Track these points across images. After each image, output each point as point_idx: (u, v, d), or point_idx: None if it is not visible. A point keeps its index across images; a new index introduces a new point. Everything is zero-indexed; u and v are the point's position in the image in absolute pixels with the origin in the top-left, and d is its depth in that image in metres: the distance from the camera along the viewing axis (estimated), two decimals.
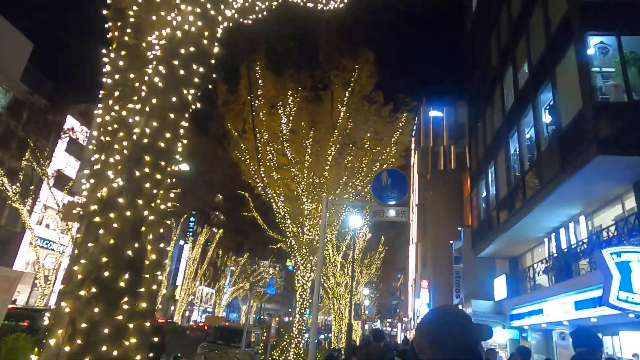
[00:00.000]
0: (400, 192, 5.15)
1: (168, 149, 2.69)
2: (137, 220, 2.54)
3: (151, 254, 2.60)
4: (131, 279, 2.43)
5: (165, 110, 2.66)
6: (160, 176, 2.65)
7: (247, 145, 14.13)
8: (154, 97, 2.63)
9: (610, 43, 10.54)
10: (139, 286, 2.46)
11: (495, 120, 17.66)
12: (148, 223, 2.59)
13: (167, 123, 2.68)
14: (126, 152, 2.60)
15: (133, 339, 2.40)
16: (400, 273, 72.19)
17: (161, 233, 2.69)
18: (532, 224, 14.70)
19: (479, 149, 20.93)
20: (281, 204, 14.33)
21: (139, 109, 2.66)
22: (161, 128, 2.65)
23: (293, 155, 14.31)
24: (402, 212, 4.97)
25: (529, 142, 14.51)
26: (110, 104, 2.76)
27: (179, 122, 2.74)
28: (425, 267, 38.31)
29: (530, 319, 15.80)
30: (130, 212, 2.50)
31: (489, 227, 18.24)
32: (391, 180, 5.05)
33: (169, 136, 2.67)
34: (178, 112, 2.72)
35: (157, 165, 2.63)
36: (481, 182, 20.13)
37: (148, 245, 2.59)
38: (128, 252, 2.45)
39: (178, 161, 2.82)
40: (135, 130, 2.62)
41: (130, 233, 2.50)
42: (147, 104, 2.65)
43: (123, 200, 2.51)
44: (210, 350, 13.34)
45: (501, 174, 16.75)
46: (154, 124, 2.62)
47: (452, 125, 51.71)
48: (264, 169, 13.94)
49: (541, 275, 16.48)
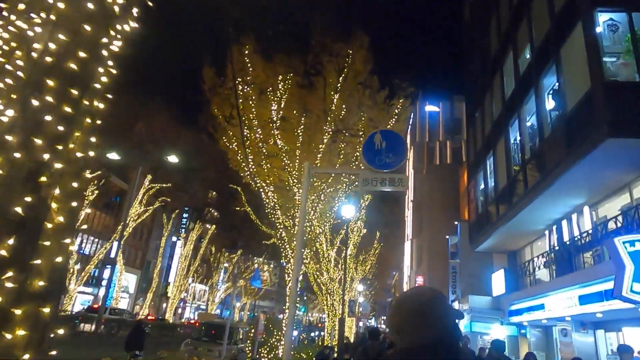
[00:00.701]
0: (397, 156, 4.41)
1: (83, 75, 1.98)
2: (34, 167, 1.83)
3: (57, 216, 1.89)
4: (19, 246, 1.72)
5: (78, 20, 1.95)
6: (72, 110, 1.94)
7: (235, 132, 13.38)
8: (63, 0, 1.92)
9: (620, 20, 9.89)
10: (33, 257, 1.76)
11: (495, 109, 17.02)
12: (53, 173, 1.88)
13: (82, 38, 1.97)
14: (22, 75, 1.89)
15: (20, 331, 1.70)
16: (395, 271, 71.91)
17: (75, 189, 1.99)
18: (533, 215, 14.08)
19: (477, 140, 20.31)
20: (271, 194, 13.61)
21: (43, 18, 1.95)
22: (72, 44, 1.94)
23: (283, 144, 13.59)
24: (399, 180, 4.24)
25: (530, 130, 13.87)
26: (11, 19, 2.05)
27: (100, 39, 2.03)
28: (421, 263, 37.76)
29: (530, 314, 15.20)
30: (23, 154, 1.80)
31: (487, 221, 17.62)
32: (386, 143, 4.32)
33: (84, 56, 1.96)
34: (98, 26, 2.02)
35: (66, 94, 1.92)
36: (479, 174, 19.52)
37: (52, 203, 1.88)
38: (16, 208, 1.74)
39: (103, 95, 2.11)
40: (36, 46, 1.91)
41: (22, 183, 1.79)
42: (53, 10, 1.94)
43: (13, 139, 1.81)
44: (195, 347, 12.61)
45: (500, 165, 16.13)
46: (62, 37, 1.91)
47: (448, 120, 51.12)
48: (253, 156, 13.21)
49: (541, 269, 15.90)
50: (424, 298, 1.44)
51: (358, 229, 27.09)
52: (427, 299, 1.43)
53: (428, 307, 1.41)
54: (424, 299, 1.43)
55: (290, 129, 13.73)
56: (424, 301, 1.43)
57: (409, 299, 1.46)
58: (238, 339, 14.26)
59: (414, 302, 1.44)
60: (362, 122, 13.64)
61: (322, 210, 13.37)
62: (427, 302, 1.42)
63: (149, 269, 57.00)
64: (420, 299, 1.44)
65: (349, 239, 24.34)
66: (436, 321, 1.39)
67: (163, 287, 60.07)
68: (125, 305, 54.96)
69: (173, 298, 51.07)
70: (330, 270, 23.85)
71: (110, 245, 35.50)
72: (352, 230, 24.27)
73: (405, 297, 1.48)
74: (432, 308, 1.41)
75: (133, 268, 57.46)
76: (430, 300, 1.43)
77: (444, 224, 30.31)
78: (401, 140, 4.79)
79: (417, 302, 1.43)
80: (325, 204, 13.40)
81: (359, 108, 13.16)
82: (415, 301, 1.44)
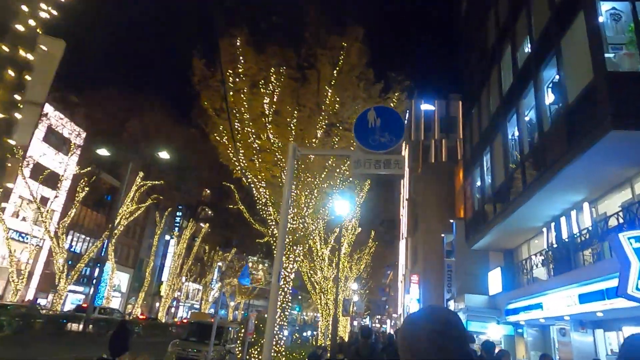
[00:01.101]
0: (394, 134, 3.95)
1: None
2: None
3: None
4: None
5: None
6: None
7: (225, 126, 12.93)
8: None
9: (624, 9, 9.58)
10: None
11: (492, 103, 16.69)
12: None
13: None
14: None
15: None
16: (390, 269, 71.73)
17: None
18: (531, 212, 13.77)
19: (473, 136, 20.00)
20: (263, 190, 13.19)
21: None
22: None
23: (275, 138, 13.17)
24: (395, 162, 3.81)
25: (529, 125, 13.56)
26: None
27: None
28: (416, 262, 37.49)
29: (527, 313, 14.91)
30: None
31: (483, 219, 17.31)
32: (381, 120, 3.89)
33: None
34: None
35: None
36: (475, 171, 19.20)
37: None
38: None
39: (32, 44, 1.69)
40: None
41: None
42: None
43: None
44: (183, 348, 12.07)
45: (498, 161, 15.82)
46: None
47: (444, 119, 50.86)
48: (244, 150, 12.79)
49: (539, 267, 15.61)
50: (442, 320, 1.36)
51: (352, 227, 26.74)
52: (446, 322, 1.35)
53: (448, 330, 1.33)
54: (442, 321, 1.35)
55: (283, 124, 13.32)
56: (442, 323, 1.34)
57: (425, 320, 1.37)
58: (228, 338, 13.73)
59: (432, 323, 1.35)
60: (357, 116, 13.26)
61: (316, 207, 12.96)
62: (446, 324, 1.34)
63: (141, 268, 56.39)
64: (438, 320, 1.36)
65: (343, 237, 23.97)
66: (455, 345, 1.31)
67: (156, 287, 59.51)
68: (118, 304, 54.39)
69: (166, 297, 50.49)
70: (324, 269, 23.49)
71: (102, 243, 34.88)
72: (347, 228, 23.93)
73: (421, 318, 1.39)
74: (452, 331, 1.33)
75: (125, 267, 56.85)
76: (449, 323, 1.35)
77: (440, 223, 30.02)
78: (398, 116, 4.36)
79: (436, 324, 1.34)
80: (319, 200, 12.99)
81: (353, 101, 12.75)
82: (433, 322, 1.35)
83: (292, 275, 12.53)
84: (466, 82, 22.98)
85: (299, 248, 12.46)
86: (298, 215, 13.01)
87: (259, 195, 13.15)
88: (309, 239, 12.59)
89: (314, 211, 13.05)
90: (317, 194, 13.17)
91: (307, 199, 12.86)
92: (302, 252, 23.93)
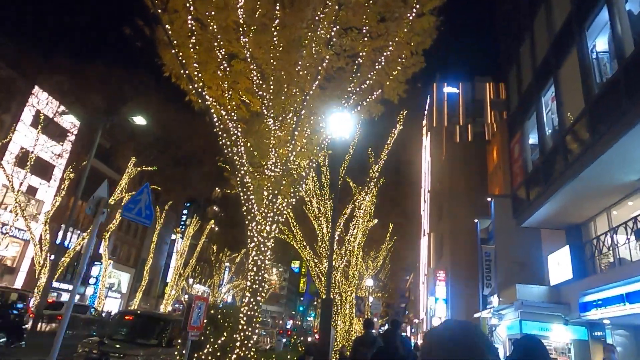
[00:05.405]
0: None
1: None
2: None
3: None
4: None
5: None
6: None
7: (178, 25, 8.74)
8: None
9: None
10: None
11: (558, 15, 12.18)
12: None
13: None
14: None
15: None
16: (409, 272, 67.24)
17: None
18: (626, 155, 9.22)
19: (522, 78, 15.46)
20: (232, 126, 8.95)
21: None
22: None
23: (253, 53, 9.00)
24: None
25: (629, 22, 9.04)
26: None
27: None
28: (441, 257, 32.77)
29: (615, 307, 10.35)
30: None
31: (544, 179, 12.73)
32: None
33: None
34: None
35: None
36: (527, 122, 14.66)
37: None
38: None
39: None
40: None
41: None
42: None
43: None
44: (103, 352, 7.75)
45: (569, 90, 11.33)
46: None
47: (469, 102, 46.04)
48: (204, 59, 8.64)
49: (629, 244, 11.01)
50: (469, 333, 1.33)
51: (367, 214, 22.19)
52: (473, 334, 1.32)
53: (474, 342, 1.30)
54: (469, 334, 1.32)
55: (261, 27, 9.17)
56: (469, 335, 1.31)
57: (452, 332, 1.35)
58: (173, 337, 9.30)
59: (460, 335, 1.32)
60: (366, 19, 8.91)
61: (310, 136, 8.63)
62: (473, 337, 1.31)
63: (143, 268, 53.07)
64: (465, 333, 1.33)
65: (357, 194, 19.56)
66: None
67: (160, 288, 56.31)
68: (117, 305, 51.17)
69: (167, 299, 46.99)
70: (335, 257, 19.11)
71: (89, 236, 31.30)
72: (360, 207, 19.44)
73: (446, 330, 1.37)
74: (479, 343, 1.30)
75: (126, 266, 53.62)
76: (476, 336, 1.32)
77: (469, 209, 25.66)
78: None
79: (463, 336, 1.32)
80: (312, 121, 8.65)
81: None
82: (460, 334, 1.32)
83: (270, 242, 8.25)
84: (505, 24, 18.49)
85: (278, 200, 8.15)
86: (281, 159, 8.77)
87: (227, 135, 8.87)
88: (298, 189, 8.20)
89: (307, 142, 8.79)
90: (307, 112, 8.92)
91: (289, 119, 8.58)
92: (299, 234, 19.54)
